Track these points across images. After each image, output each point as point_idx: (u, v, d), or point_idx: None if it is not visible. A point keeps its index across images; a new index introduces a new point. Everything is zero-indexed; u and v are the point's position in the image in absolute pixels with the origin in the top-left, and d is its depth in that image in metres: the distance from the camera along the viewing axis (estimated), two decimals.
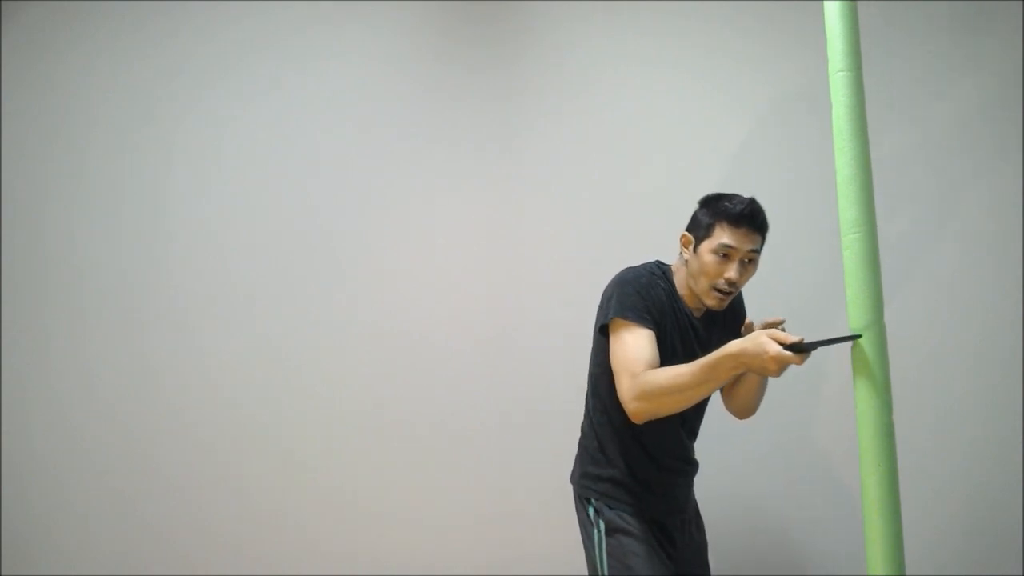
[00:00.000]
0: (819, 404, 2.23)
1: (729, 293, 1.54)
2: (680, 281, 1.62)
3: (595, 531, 1.60)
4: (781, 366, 1.25)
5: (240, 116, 2.44)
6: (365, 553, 2.32)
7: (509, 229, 2.38)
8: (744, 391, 1.69)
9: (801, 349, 1.24)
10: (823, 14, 1.26)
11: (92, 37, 2.48)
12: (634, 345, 1.47)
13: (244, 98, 2.45)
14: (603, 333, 1.56)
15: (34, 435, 2.39)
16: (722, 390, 1.76)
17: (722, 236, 1.52)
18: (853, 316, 1.20)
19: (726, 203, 1.54)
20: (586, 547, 1.65)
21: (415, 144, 2.42)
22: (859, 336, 1.22)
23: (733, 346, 1.30)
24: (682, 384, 1.37)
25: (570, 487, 1.74)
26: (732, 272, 1.52)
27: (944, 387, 2.18)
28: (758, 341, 1.26)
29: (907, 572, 1.17)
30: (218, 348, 2.39)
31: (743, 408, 1.73)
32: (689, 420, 1.69)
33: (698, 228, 1.58)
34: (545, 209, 2.37)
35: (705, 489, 1.78)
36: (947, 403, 2.18)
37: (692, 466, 1.74)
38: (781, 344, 1.25)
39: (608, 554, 1.57)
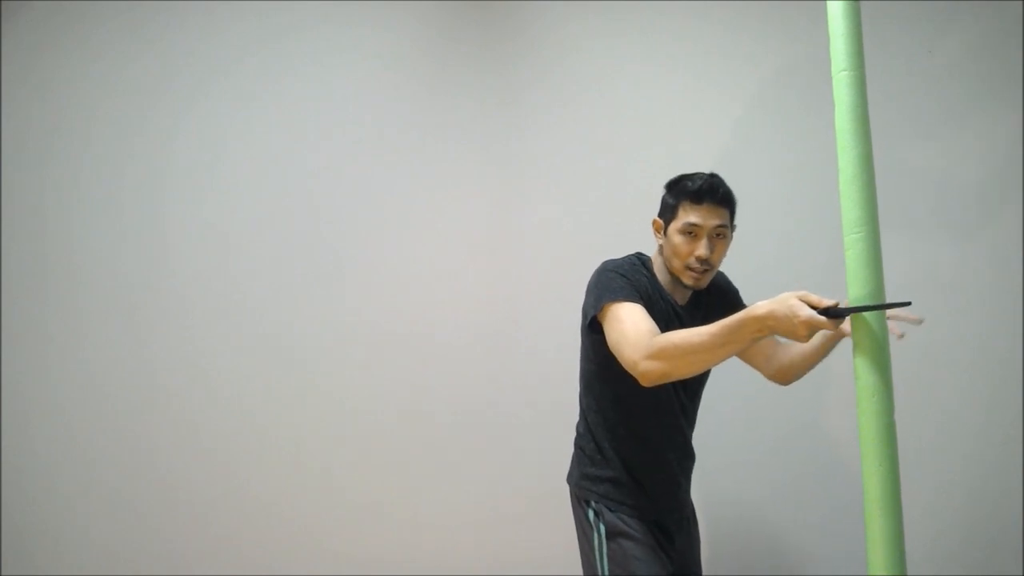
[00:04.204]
0: (820, 404, 2.23)
1: (704, 271, 1.55)
2: (660, 270, 1.62)
3: (595, 534, 1.60)
4: (812, 331, 1.19)
5: (240, 116, 2.44)
6: (365, 553, 2.32)
7: (512, 228, 2.38)
8: (809, 356, 1.61)
9: (836, 314, 1.16)
10: (826, 14, 1.26)
11: (92, 37, 2.48)
12: (630, 318, 1.44)
13: (244, 98, 2.45)
14: (592, 328, 1.55)
15: (34, 435, 2.39)
16: (753, 355, 1.73)
17: (686, 215, 1.54)
18: (856, 316, 1.20)
19: (687, 182, 1.56)
20: (583, 549, 1.64)
21: (416, 143, 2.42)
22: (906, 304, 1.15)
23: (760, 307, 1.23)
24: (699, 345, 1.30)
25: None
26: (701, 249, 1.53)
27: (944, 387, 2.18)
28: (788, 304, 1.19)
29: (907, 572, 1.17)
30: (219, 347, 2.39)
31: (797, 374, 1.66)
32: (687, 409, 1.69)
33: (665, 211, 1.60)
34: (547, 208, 2.37)
35: (705, 489, 1.79)
36: (947, 403, 2.18)
37: (691, 460, 1.73)
38: (814, 308, 1.18)
39: (609, 559, 1.57)
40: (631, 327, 1.42)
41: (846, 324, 1.40)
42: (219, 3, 2.47)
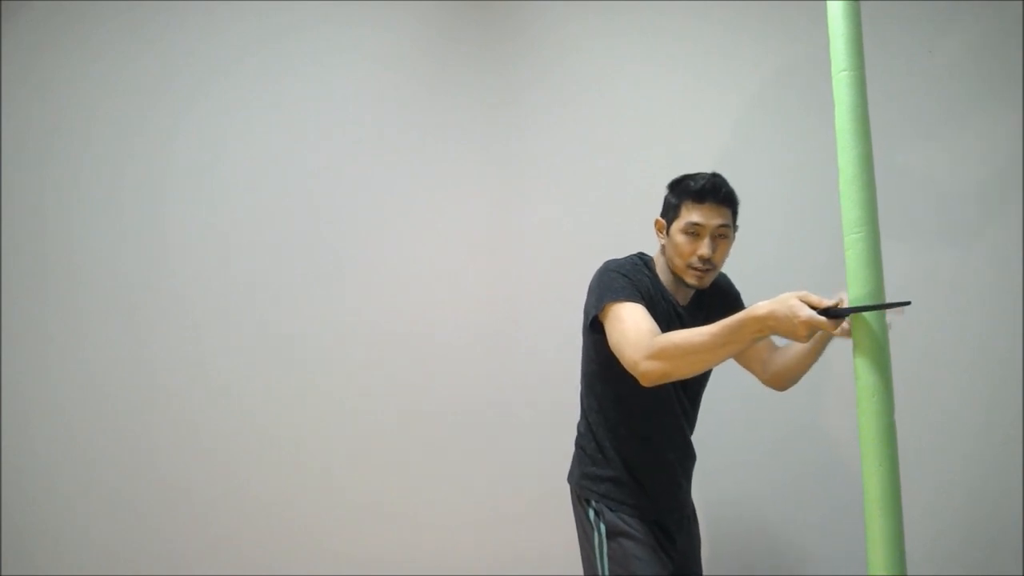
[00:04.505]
0: (820, 404, 2.23)
1: (706, 270, 1.55)
2: (662, 269, 1.63)
3: (596, 534, 1.60)
4: (812, 331, 1.19)
5: (240, 116, 2.44)
6: (365, 553, 2.32)
7: (512, 228, 2.38)
8: (799, 361, 1.60)
9: (836, 315, 1.16)
10: (826, 14, 1.26)
11: (92, 37, 2.48)
12: (631, 318, 1.44)
13: (244, 98, 2.45)
14: (594, 328, 1.55)
15: (34, 435, 2.39)
16: (750, 359, 1.73)
17: (689, 215, 1.54)
18: (856, 316, 1.20)
19: (689, 182, 1.56)
20: (583, 548, 1.65)
21: (416, 143, 2.42)
22: (906, 304, 1.15)
23: (760, 308, 1.23)
24: (700, 345, 1.30)
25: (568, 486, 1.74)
26: (704, 249, 1.53)
27: (944, 387, 2.18)
28: (788, 304, 1.20)
29: (907, 572, 1.17)
30: (219, 347, 2.39)
31: (792, 379, 1.64)
32: (688, 410, 1.69)
33: (668, 211, 1.60)
34: (547, 208, 2.37)
35: (706, 488, 1.79)
36: (947, 403, 2.18)
37: (691, 460, 1.73)
38: (814, 308, 1.18)
39: (609, 558, 1.57)
40: (632, 327, 1.42)
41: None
42: (219, 3, 2.47)
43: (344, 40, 2.45)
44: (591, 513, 1.62)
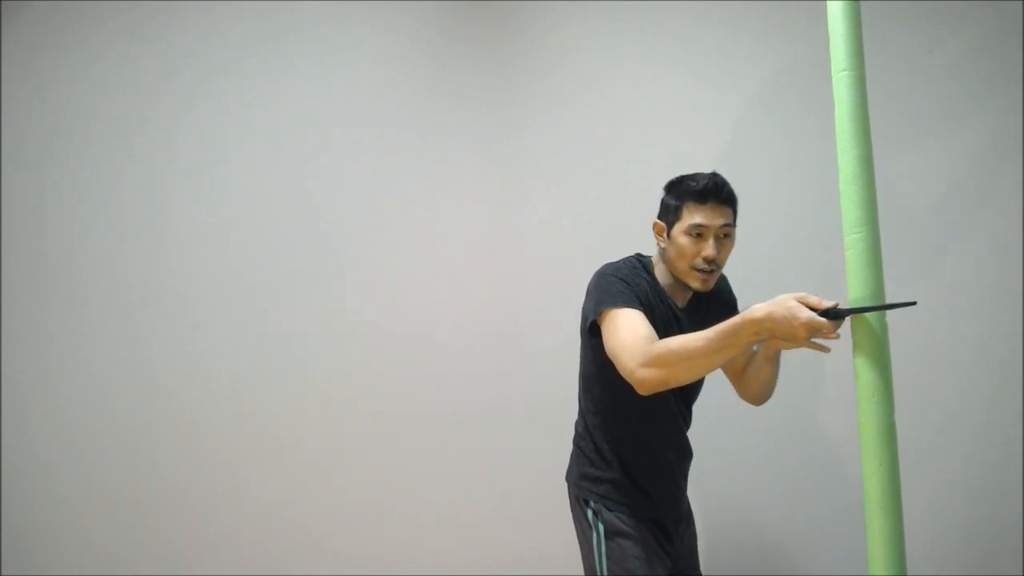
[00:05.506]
0: (820, 404, 2.23)
1: (711, 271, 1.54)
2: (660, 272, 1.62)
3: (594, 534, 1.60)
4: (811, 333, 1.18)
5: (240, 116, 2.44)
6: (365, 553, 2.32)
7: (512, 228, 2.38)
8: (756, 375, 1.62)
9: (836, 316, 1.16)
10: (826, 14, 1.26)
11: (92, 37, 2.48)
12: (628, 324, 1.43)
13: (244, 98, 2.45)
14: (592, 332, 1.55)
15: (34, 435, 2.39)
16: (730, 372, 1.73)
17: (691, 216, 1.52)
18: (856, 316, 1.20)
19: (689, 183, 1.54)
20: (583, 548, 1.65)
21: (416, 143, 2.42)
22: (911, 304, 1.15)
23: (757, 311, 1.22)
24: (696, 350, 1.29)
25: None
26: (709, 249, 1.51)
27: (944, 387, 2.18)
28: (787, 306, 1.19)
29: (907, 572, 1.17)
30: (219, 347, 2.39)
31: (759, 393, 1.66)
32: (684, 413, 1.69)
33: (667, 213, 1.58)
34: (547, 208, 2.37)
35: (705, 489, 1.79)
36: (947, 403, 2.18)
37: (689, 459, 1.73)
38: (813, 309, 1.17)
39: (608, 558, 1.57)
40: (629, 334, 1.41)
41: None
42: (219, 3, 2.47)
43: (344, 40, 2.45)
44: (589, 513, 1.62)
